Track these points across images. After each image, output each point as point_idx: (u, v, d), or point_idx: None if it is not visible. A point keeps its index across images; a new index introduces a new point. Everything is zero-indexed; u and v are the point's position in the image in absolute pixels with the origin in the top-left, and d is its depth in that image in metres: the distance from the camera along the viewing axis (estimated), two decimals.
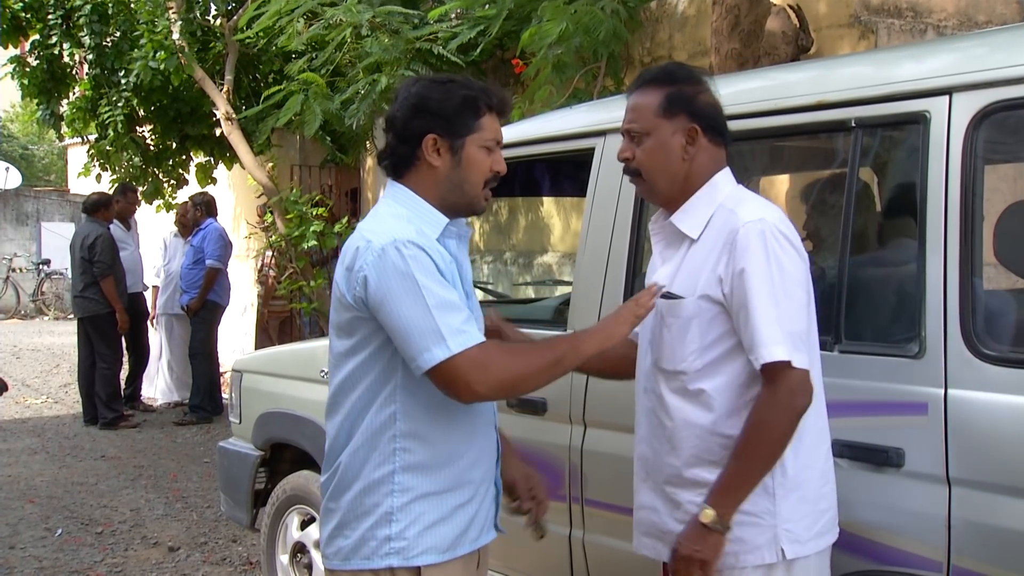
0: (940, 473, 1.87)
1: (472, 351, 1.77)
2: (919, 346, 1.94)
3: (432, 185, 1.92)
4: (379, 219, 1.90)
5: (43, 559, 4.63)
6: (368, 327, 1.85)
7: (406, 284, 1.78)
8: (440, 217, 1.92)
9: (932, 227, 1.94)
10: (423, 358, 1.77)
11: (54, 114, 9.44)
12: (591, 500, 2.52)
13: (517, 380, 1.84)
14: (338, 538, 1.92)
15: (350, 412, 1.90)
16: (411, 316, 1.77)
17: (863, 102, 2.11)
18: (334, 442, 1.94)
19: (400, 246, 1.79)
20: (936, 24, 5.39)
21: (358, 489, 1.88)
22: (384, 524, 1.86)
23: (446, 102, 1.89)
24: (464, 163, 1.92)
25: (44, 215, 17.93)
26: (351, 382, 1.90)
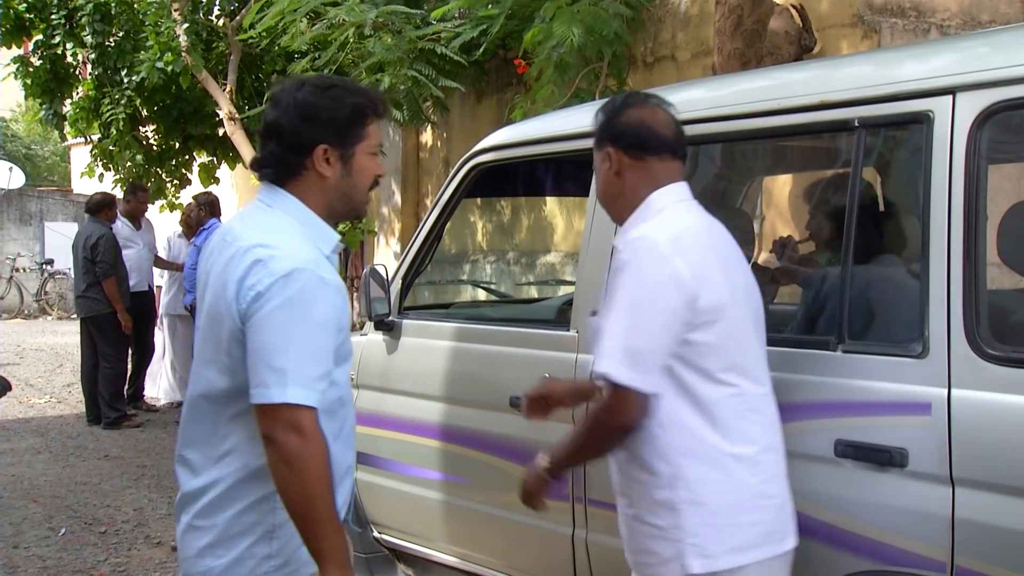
0: (944, 473, 1.87)
1: (303, 411, 1.71)
2: (922, 346, 1.93)
3: (320, 194, 1.87)
4: (272, 231, 1.81)
5: (47, 558, 4.64)
6: (242, 349, 1.77)
7: (294, 317, 1.73)
8: (332, 234, 1.90)
9: (936, 227, 1.94)
10: (261, 391, 1.72)
11: (57, 114, 9.46)
12: (594, 500, 2.52)
13: (310, 469, 1.73)
14: (208, 557, 1.84)
15: (224, 429, 1.83)
16: (273, 346, 1.72)
17: (866, 102, 2.11)
18: (202, 459, 1.86)
19: (305, 275, 1.74)
20: (939, 24, 5.39)
21: (239, 508, 1.83)
22: (265, 542, 1.83)
23: (337, 111, 1.84)
24: (354, 171, 1.88)
25: (48, 215, 17.96)
26: (223, 397, 1.82)
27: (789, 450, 2.09)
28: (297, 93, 1.84)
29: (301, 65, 6.94)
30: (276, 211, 1.86)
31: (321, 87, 1.86)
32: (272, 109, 1.86)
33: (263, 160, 1.89)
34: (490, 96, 8.20)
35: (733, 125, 2.39)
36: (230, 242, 1.83)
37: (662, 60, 6.66)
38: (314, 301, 1.75)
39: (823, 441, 2.04)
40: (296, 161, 1.85)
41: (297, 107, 1.83)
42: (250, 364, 1.74)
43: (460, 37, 6.28)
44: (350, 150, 1.87)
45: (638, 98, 2.12)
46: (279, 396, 1.70)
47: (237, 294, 1.75)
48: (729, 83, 2.70)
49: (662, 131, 2.04)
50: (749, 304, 1.98)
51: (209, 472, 1.84)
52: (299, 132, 1.83)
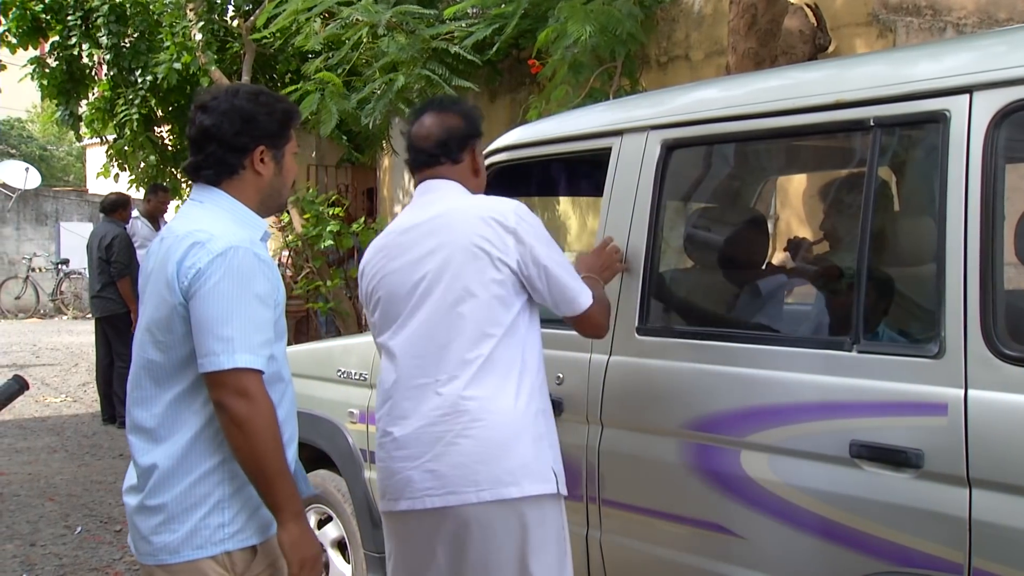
0: (960, 474, 1.85)
1: (251, 375, 1.87)
2: (939, 346, 1.92)
3: (255, 191, 2.07)
4: (204, 220, 1.98)
5: (63, 556, 4.67)
6: (185, 325, 1.92)
7: (238, 289, 1.89)
8: (260, 221, 2.09)
9: (952, 226, 1.92)
10: (211, 359, 1.86)
11: (73, 115, 9.51)
12: (608, 500, 2.52)
13: (261, 429, 1.88)
14: (164, 533, 1.95)
15: (170, 407, 1.96)
16: (218, 317, 1.87)
17: (882, 101, 2.09)
18: (148, 439, 1.97)
19: (241, 252, 1.91)
20: (955, 22, 5.35)
21: (188, 482, 1.94)
22: (217, 512, 1.95)
23: (272, 115, 2.05)
24: (284, 170, 2.11)
25: (63, 215, 18.07)
26: (167, 375, 1.95)
27: (804, 450, 2.09)
28: (235, 100, 2.03)
29: (315, 65, 6.95)
30: (207, 205, 2.04)
31: (254, 94, 2.06)
32: (207, 115, 2.02)
33: (203, 162, 2.05)
34: (503, 96, 8.20)
35: (748, 125, 2.38)
36: (166, 236, 2.01)
37: (676, 60, 6.64)
38: (252, 275, 1.92)
39: (838, 442, 2.03)
40: (235, 162, 2.04)
41: (237, 113, 2.01)
42: (196, 337, 1.89)
43: (473, 36, 6.27)
44: (281, 151, 2.09)
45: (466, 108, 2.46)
46: (228, 362, 1.86)
47: (178, 274, 1.90)
48: (744, 83, 2.69)
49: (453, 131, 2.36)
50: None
51: (156, 450, 1.96)
52: (240, 135, 2.02)
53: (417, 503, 2.17)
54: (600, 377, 2.54)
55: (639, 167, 2.57)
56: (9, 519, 5.24)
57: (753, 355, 2.26)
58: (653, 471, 2.41)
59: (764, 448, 2.18)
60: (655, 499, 2.41)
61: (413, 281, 2.24)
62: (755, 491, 2.18)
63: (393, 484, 2.21)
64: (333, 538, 3.57)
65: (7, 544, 4.83)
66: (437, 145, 2.34)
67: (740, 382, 2.25)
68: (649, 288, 2.52)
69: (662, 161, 2.53)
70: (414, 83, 6.37)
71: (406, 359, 2.22)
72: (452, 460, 2.13)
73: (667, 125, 2.55)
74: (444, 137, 2.34)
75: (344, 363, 3.50)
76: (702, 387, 2.33)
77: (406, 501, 2.19)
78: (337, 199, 8.43)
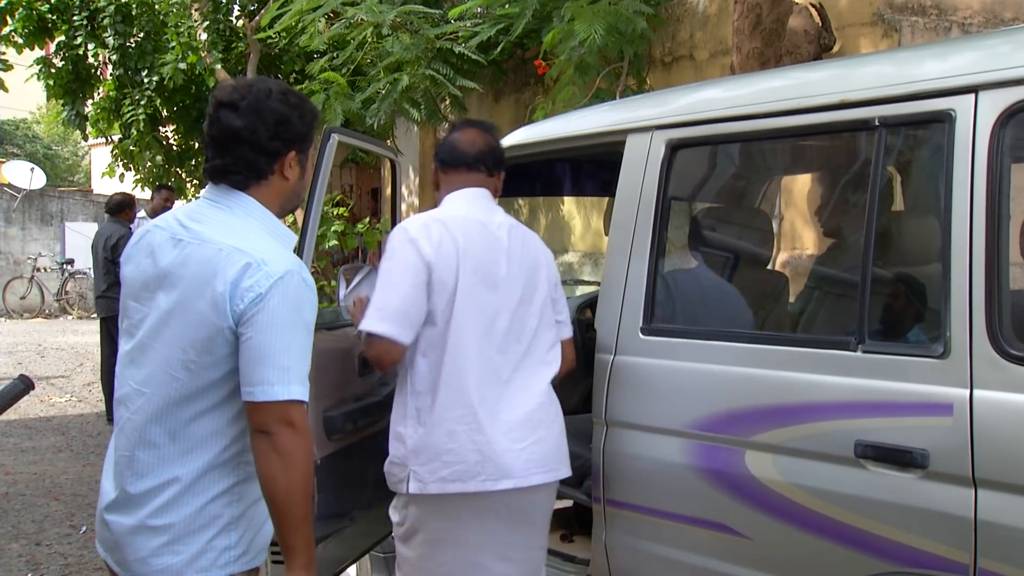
0: (966, 475, 1.85)
1: (300, 407, 1.81)
2: (944, 346, 1.92)
3: (279, 196, 1.97)
4: (245, 235, 1.87)
5: (68, 556, 4.68)
6: (228, 348, 1.82)
7: (293, 317, 1.81)
8: (292, 235, 2.00)
9: (957, 226, 1.92)
10: (265, 388, 1.77)
11: (79, 115, 9.53)
12: (613, 500, 2.51)
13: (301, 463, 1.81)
14: (166, 555, 1.84)
15: (188, 426, 1.85)
16: (277, 346, 1.78)
17: (887, 101, 2.09)
18: (161, 456, 1.85)
19: (300, 277, 1.84)
20: (961, 22, 5.34)
21: (201, 503, 1.85)
22: (224, 535, 1.87)
23: (303, 118, 1.96)
24: (305, 174, 2.04)
25: (68, 215, 18.10)
26: (191, 394, 1.84)
27: (809, 450, 2.09)
28: (268, 101, 1.91)
29: (319, 64, 6.97)
30: (238, 212, 1.91)
31: (284, 94, 1.94)
32: (235, 116, 1.89)
33: (231, 166, 1.92)
34: (508, 96, 8.21)
35: (752, 125, 2.37)
36: (192, 242, 1.86)
37: (680, 60, 6.64)
38: (304, 302, 1.84)
39: (843, 442, 2.03)
40: (266, 167, 1.93)
41: (272, 114, 1.90)
42: (249, 364, 1.78)
43: (478, 37, 6.28)
44: (307, 155, 2.02)
45: (468, 123, 2.67)
46: (284, 393, 1.77)
47: (231, 295, 1.79)
48: (748, 82, 2.69)
49: (460, 147, 2.56)
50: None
51: (164, 470, 1.85)
52: (274, 139, 1.91)
53: (521, 481, 2.33)
54: (605, 377, 2.54)
55: (644, 167, 2.57)
56: (14, 518, 5.25)
57: (757, 355, 2.25)
58: (658, 471, 2.41)
59: (769, 448, 2.17)
60: (660, 499, 2.41)
61: (508, 280, 2.42)
62: (760, 491, 2.18)
63: (494, 465, 2.31)
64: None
65: (12, 543, 4.84)
66: (488, 156, 2.56)
67: (745, 382, 2.25)
68: (654, 288, 2.52)
69: (667, 161, 2.53)
70: (418, 83, 6.38)
71: (491, 352, 2.36)
72: (553, 442, 2.41)
73: (672, 125, 2.55)
74: (490, 151, 2.58)
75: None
76: (707, 387, 2.33)
77: (509, 480, 2.33)
78: (341, 199, 8.44)
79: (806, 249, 5.35)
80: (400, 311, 2.30)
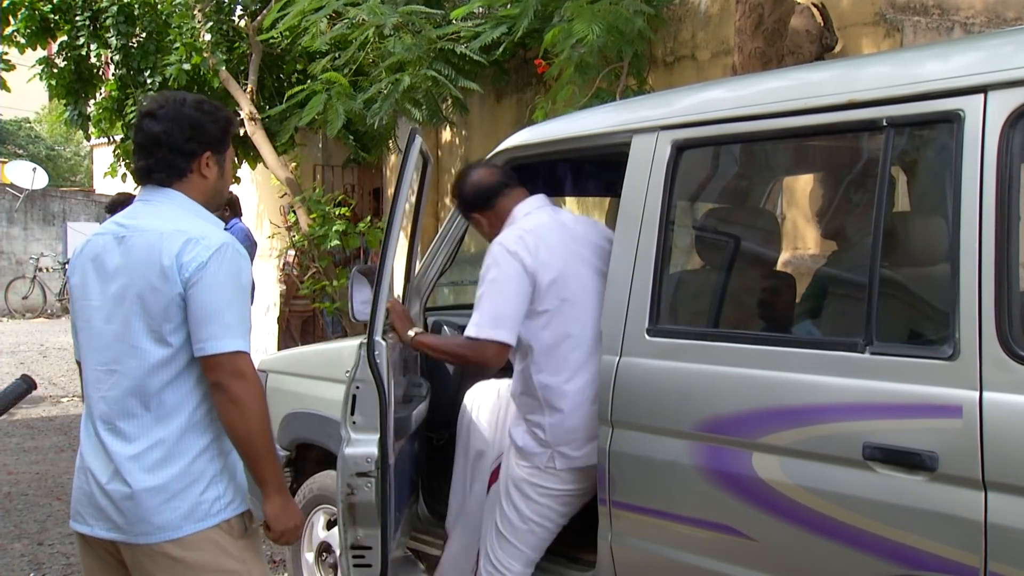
0: (976, 477, 1.83)
1: (246, 357, 2.10)
2: (953, 348, 1.90)
3: (200, 192, 2.24)
4: (178, 219, 2.15)
5: (71, 555, 4.68)
6: (182, 314, 2.09)
7: (232, 280, 2.10)
8: (219, 221, 2.27)
9: (966, 227, 1.91)
10: (212, 343, 2.06)
11: (82, 114, 9.52)
12: (618, 502, 2.50)
13: (256, 406, 2.10)
14: (165, 512, 2.09)
15: (163, 393, 2.10)
16: (220, 305, 2.07)
17: (895, 101, 2.08)
18: (142, 424, 2.10)
19: (234, 248, 2.13)
20: (963, 21, 5.33)
21: (186, 461, 2.11)
22: (213, 487, 2.14)
23: (217, 123, 2.23)
24: (224, 173, 2.30)
25: (70, 215, 18.11)
26: (159, 363, 2.10)
27: (816, 452, 2.08)
28: (183, 109, 2.19)
29: (321, 65, 6.95)
30: (166, 203, 2.20)
31: (199, 103, 2.23)
32: (155, 122, 2.18)
33: (153, 166, 2.20)
34: (510, 96, 8.19)
35: (759, 125, 2.36)
36: (133, 234, 2.14)
37: (682, 60, 6.62)
38: (240, 269, 2.15)
39: (851, 444, 2.02)
40: (184, 166, 2.21)
41: (185, 121, 2.18)
42: (197, 323, 2.07)
43: (481, 38, 6.26)
44: (223, 156, 2.28)
45: (469, 167, 2.99)
46: (230, 345, 2.06)
47: (178, 266, 2.07)
48: (754, 82, 2.68)
49: (488, 181, 2.88)
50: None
51: (148, 435, 2.10)
52: (189, 141, 2.19)
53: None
54: (610, 378, 2.53)
55: (649, 168, 2.56)
56: (17, 518, 5.25)
57: (764, 356, 2.24)
58: (664, 473, 2.40)
59: (776, 450, 2.16)
60: (666, 501, 2.40)
61: (586, 276, 2.73)
62: (767, 493, 2.17)
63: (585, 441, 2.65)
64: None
65: (15, 543, 4.84)
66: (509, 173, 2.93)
67: (751, 384, 2.23)
68: (660, 289, 2.50)
69: (672, 161, 2.52)
70: (420, 83, 6.36)
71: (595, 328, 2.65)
72: None
73: (677, 125, 2.54)
74: (504, 171, 2.95)
75: (353, 364, 3.48)
76: (713, 388, 2.32)
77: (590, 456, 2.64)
78: (343, 199, 8.43)
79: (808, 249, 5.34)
80: (511, 317, 2.60)
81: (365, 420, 2.55)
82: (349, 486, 2.53)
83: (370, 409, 2.54)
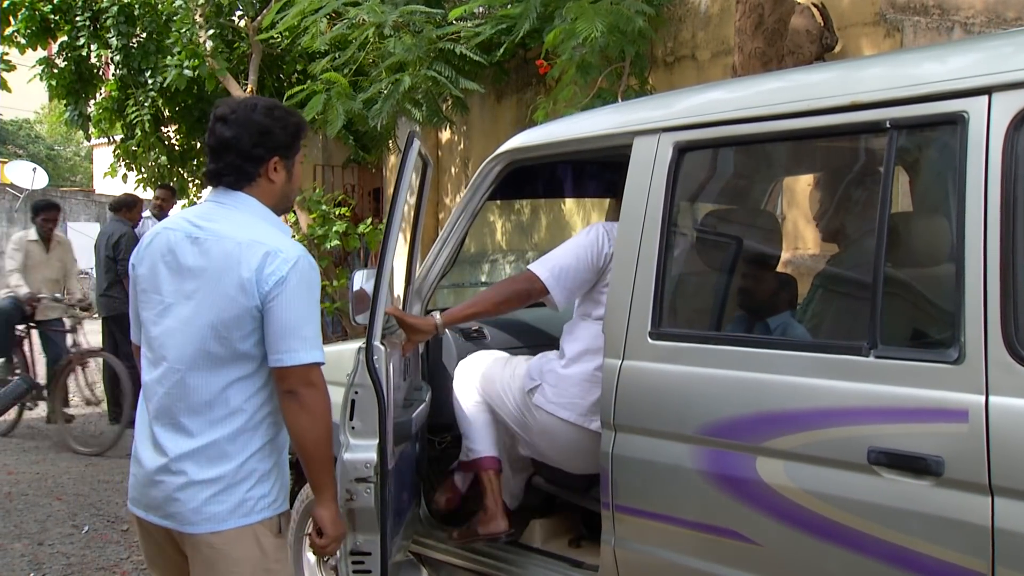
0: (982, 482, 1.82)
1: (319, 369, 2.19)
2: (958, 351, 1.89)
3: (269, 196, 2.30)
4: (255, 227, 2.21)
5: (71, 555, 4.67)
6: (254, 323, 2.16)
7: (308, 294, 2.18)
8: (288, 227, 2.35)
9: (971, 230, 1.89)
10: (291, 355, 2.14)
11: (82, 115, 9.52)
12: (621, 506, 2.49)
13: (324, 415, 2.21)
14: (212, 504, 2.18)
15: (225, 393, 2.18)
16: (299, 320, 2.15)
17: (898, 103, 2.06)
18: (203, 420, 2.18)
19: (308, 261, 2.20)
20: (963, 22, 5.32)
21: (242, 459, 2.20)
22: (260, 485, 2.23)
23: (285, 129, 2.29)
24: (293, 178, 2.36)
25: (70, 215, 18.09)
26: (225, 365, 2.18)
27: (820, 456, 2.06)
28: (253, 115, 2.25)
29: (321, 65, 6.94)
30: (242, 210, 2.25)
31: (269, 109, 2.28)
32: (225, 127, 2.24)
33: (223, 170, 2.27)
34: (510, 96, 8.19)
35: (761, 127, 2.34)
36: (209, 238, 2.19)
37: (682, 60, 6.62)
38: (315, 281, 2.22)
39: (855, 448, 2.00)
40: (252, 170, 2.27)
41: (255, 126, 2.24)
42: (277, 336, 2.14)
43: (480, 37, 6.25)
44: (292, 160, 2.34)
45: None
46: (308, 357, 2.15)
47: (257, 280, 2.13)
48: (757, 84, 2.66)
49: None
50: None
51: (208, 432, 2.18)
52: (257, 146, 2.25)
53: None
54: (613, 382, 2.52)
55: (651, 169, 2.55)
56: (17, 518, 5.25)
57: (768, 360, 2.23)
58: (667, 476, 2.38)
59: (780, 454, 2.15)
60: (670, 505, 2.39)
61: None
62: (771, 497, 2.15)
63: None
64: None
65: (15, 543, 4.83)
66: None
67: (755, 387, 2.22)
68: (662, 292, 2.49)
69: (674, 163, 2.51)
70: (420, 83, 6.35)
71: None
72: None
73: (679, 127, 2.53)
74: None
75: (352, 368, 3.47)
76: (716, 392, 2.30)
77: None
78: (343, 199, 8.43)
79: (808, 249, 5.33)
80: (563, 270, 2.85)
81: (364, 425, 2.54)
82: (348, 491, 2.53)
83: (369, 414, 2.53)
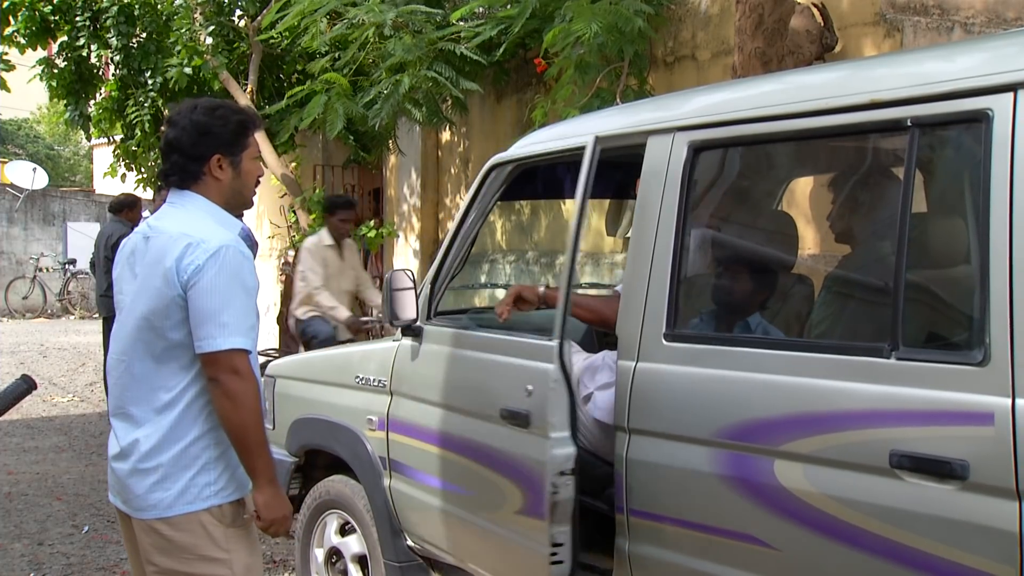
0: (1009, 486, 1.78)
1: (242, 355, 2.23)
2: (983, 353, 1.85)
3: (217, 193, 2.38)
4: (190, 223, 2.29)
5: (71, 556, 4.65)
6: (181, 312, 2.24)
7: (231, 282, 2.22)
8: (236, 221, 2.40)
9: (997, 229, 1.85)
10: (209, 341, 2.21)
11: (82, 115, 9.48)
12: (636, 510, 2.45)
13: (247, 401, 2.25)
14: (157, 491, 2.27)
15: (163, 384, 2.28)
16: (216, 307, 2.20)
17: (920, 100, 2.03)
18: (144, 411, 2.29)
19: (235, 250, 2.25)
20: (963, 21, 5.28)
21: (180, 447, 2.28)
22: (204, 473, 2.30)
23: (226, 127, 2.34)
24: (242, 174, 2.41)
25: (70, 215, 18.08)
26: (160, 358, 2.28)
27: (841, 460, 2.03)
28: (192, 115, 2.33)
29: (320, 65, 6.91)
30: (188, 207, 2.35)
31: (210, 108, 2.35)
32: (171, 129, 2.34)
33: (169, 170, 2.37)
34: (510, 96, 8.15)
35: (777, 126, 2.31)
36: (154, 236, 2.31)
37: (682, 60, 6.58)
38: (240, 270, 2.26)
39: (877, 452, 1.96)
40: (196, 169, 2.35)
41: (194, 126, 2.32)
42: (195, 324, 2.22)
43: (480, 37, 6.23)
44: (238, 157, 2.38)
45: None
46: (225, 343, 2.20)
47: (177, 270, 2.22)
48: (772, 82, 2.63)
49: None
50: None
51: (151, 421, 2.28)
52: (197, 145, 2.33)
53: None
54: (627, 384, 2.49)
55: (665, 169, 2.52)
56: (17, 518, 5.22)
57: (786, 362, 2.19)
58: (683, 480, 2.35)
59: (799, 458, 2.11)
60: (685, 509, 2.35)
61: None
62: (789, 502, 2.11)
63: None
64: (354, 552, 3.52)
65: (15, 543, 4.81)
66: None
67: (773, 390, 2.18)
68: (677, 293, 2.46)
69: (689, 163, 2.48)
70: (420, 84, 6.33)
71: None
72: None
73: (694, 127, 2.50)
74: None
75: (363, 369, 3.45)
76: (733, 395, 2.26)
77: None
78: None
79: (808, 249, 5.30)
80: None
81: (559, 420, 2.57)
82: (554, 485, 2.53)
83: (562, 409, 2.58)
